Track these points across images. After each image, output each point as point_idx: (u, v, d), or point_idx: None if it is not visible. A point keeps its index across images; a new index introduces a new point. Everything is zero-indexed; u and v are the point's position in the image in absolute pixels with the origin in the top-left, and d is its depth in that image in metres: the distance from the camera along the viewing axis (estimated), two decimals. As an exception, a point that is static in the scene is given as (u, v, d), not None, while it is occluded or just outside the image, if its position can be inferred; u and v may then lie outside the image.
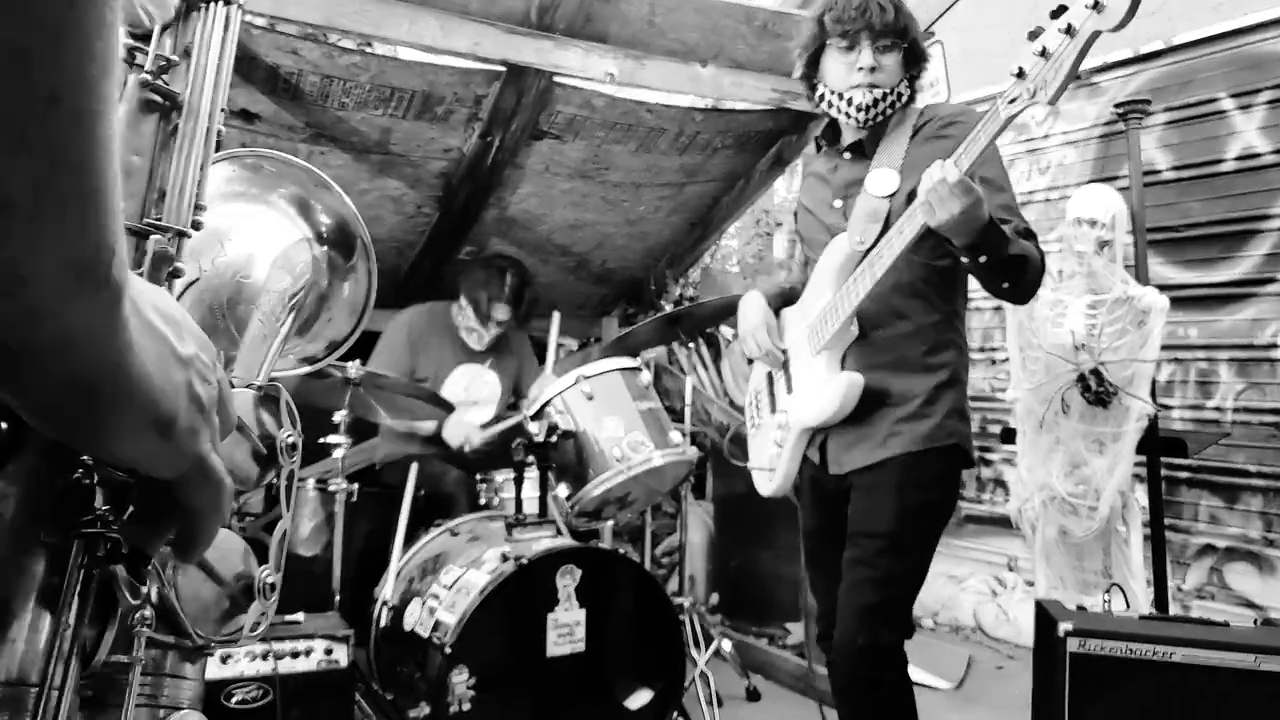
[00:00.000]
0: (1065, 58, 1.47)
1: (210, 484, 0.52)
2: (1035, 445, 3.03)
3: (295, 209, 0.83)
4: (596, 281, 4.40)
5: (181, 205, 0.60)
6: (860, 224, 1.84)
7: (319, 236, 0.84)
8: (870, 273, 1.78)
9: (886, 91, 1.86)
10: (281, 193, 0.83)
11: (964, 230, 1.62)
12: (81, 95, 0.35)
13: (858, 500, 1.88)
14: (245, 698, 2.04)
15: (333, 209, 0.85)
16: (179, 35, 0.62)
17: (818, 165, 2.06)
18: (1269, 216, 3.24)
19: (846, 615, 1.82)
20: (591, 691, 2.35)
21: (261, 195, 0.83)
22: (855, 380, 1.85)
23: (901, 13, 1.85)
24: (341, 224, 0.85)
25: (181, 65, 0.61)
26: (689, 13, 2.86)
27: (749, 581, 4.09)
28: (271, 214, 0.83)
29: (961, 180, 1.57)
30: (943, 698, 3.23)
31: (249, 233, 0.80)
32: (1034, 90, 1.51)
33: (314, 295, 0.82)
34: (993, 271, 1.71)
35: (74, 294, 0.38)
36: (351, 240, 0.86)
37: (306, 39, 2.62)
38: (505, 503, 2.92)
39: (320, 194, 0.85)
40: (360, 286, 0.87)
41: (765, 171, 3.83)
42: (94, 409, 0.42)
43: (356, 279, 0.87)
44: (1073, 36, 1.46)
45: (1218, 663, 1.93)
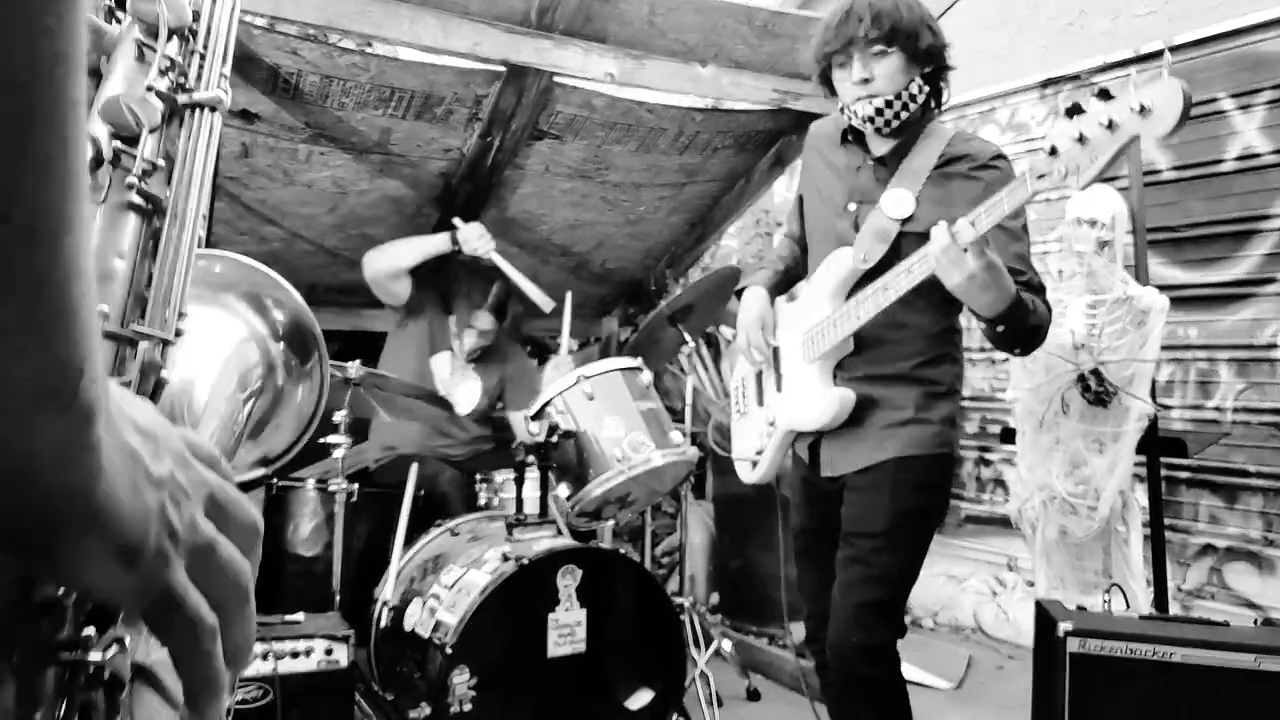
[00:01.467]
0: (1102, 152, 1.45)
1: (182, 620, 0.45)
2: (1035, 445, 3.04)
3: (251, 309, 0.82)
4: (596, 281, 4.40)
5: (165, 312, 0.58)
6: (867, 241, 1.83)
7: (275, 335, 0.82)
8: (874, 302, 1.78)
9: (890, 98, 1.82)
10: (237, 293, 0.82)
11: (981, 299, 1.61)
12: (38, 216, 0.33)
13: (851, 501, 1.89)
14: (245, 698, 2.04)
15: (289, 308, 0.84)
16: (162, 139, 0.61)
17: (836, 156, 2.00)
18: (1269, 216, 3.25)
19: (841, 614, 1.83)
20: (592, 692, 2.35)
21: (216, 297, 0.81)
22: (847, 397, 1.88)
23: (884, 17, 1.78)
24: (298, 324, 0.84)
25: (167, 171, 0.61)
26: (689, 13, 2.86)
27: (749, 581, 4.08)
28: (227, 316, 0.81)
29: (976, 243, 1.55)
30: (943, 697, 3.23)
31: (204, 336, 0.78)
32: (1065, 173, 1.49)
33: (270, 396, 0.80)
34: (1008, 340, 1.72)
35: (37, 416, 0.35)
36: (309, 342, 0.84)
37: (306, 39, 2.62)
38: (505, 503, 2.92)
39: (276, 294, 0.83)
40: (311, 394, 0.85)
41: (765, 171, 3.83)
42: (53, 535, 0.39)
43: (310, 385, 0.85)
44: (1113, 132, 1.43)
45: (1218, 663, 1.94)
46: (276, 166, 3.07)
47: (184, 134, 0.63)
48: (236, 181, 3.10)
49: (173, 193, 0.61)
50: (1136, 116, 1.40)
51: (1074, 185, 1.49)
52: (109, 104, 0.57)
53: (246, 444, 0.82)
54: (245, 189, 3.15)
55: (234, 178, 3.08)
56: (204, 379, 0.76)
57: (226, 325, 0.80)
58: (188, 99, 0.63)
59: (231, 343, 0.79)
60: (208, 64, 0.66)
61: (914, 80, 1.84)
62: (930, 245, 1.61)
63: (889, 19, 1.78)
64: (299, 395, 0.85)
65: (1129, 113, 1.41)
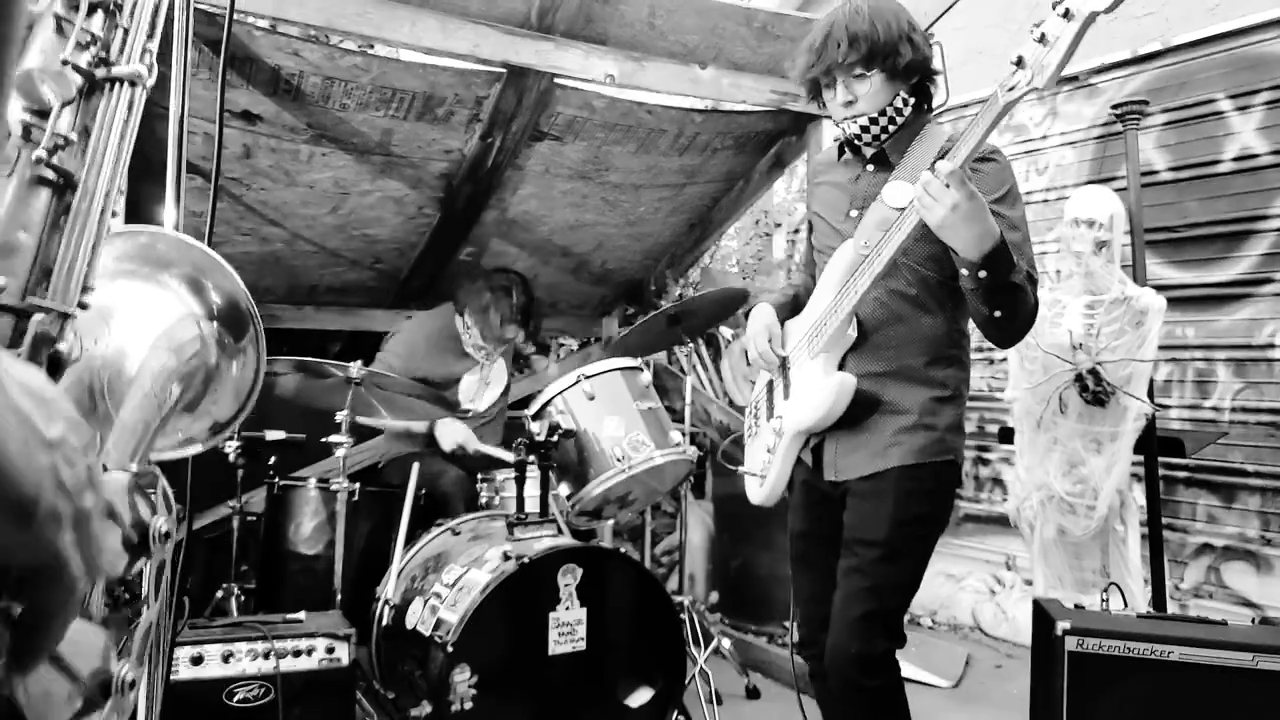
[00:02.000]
0: (1062, 40, 1.47)
1: (62, 584, 0.46)
2: (1033, 445, 3.05)
3: (187, 287, 0.81)
4: (596, 282, 4.41)
5: (69, 286, 0.57)
6: (868, 231, 1.82)
7: (210, 314, 0.82)
8: (868, 272, 1.76)
9: (874, 115, 1.83)
10: (174, 271, 0.81)
11: (965, 234, 1.59)
12: None
13: (854, 509, 1.88)
14: (246, 696, 2.05)
15: (225, 288, 0.83)
16: (80, 114, 0.60)
17: (836, 174, 2.02)
18: (1266, 217, 3.26)
19: (841, 624, 1.82)
20: (593, 690, 2.36)
21: (151, 273, 0.80)
22: (847, 381, 1.84)
23: (861, 40, 1.77)
24: (233, 303, 0.83)
25: (81, 145, 0.59)
26: (689, 14, 2.87)
27: (748, 580, 4.10)
28: (161, 293, 0.80)
29: (955, 172, 1.54)
30: (941, 696, 3.24)
31: (135, 312, 0.78)
32: (1031, 76, 1.50)
33: (201, 374, 0.80)
34: (990, 295, 1.67)
35: None
36: (244, 320, 0.84)
37: (308, 40, 2.64)
38: (506, 502, 2.93)
39: (214, 273, 0.83)
40: (248, 369, 0.85)
41: (765, 173, 3.84)
42: None
43: (245, 360, 0.85)
44: (1069, 20, 1.46)
45: (1215, 661, 1.95)
46: (278, 167, 3.08)
47: (102, 109, 0.61)
48: (238, 182, 3.11)
49: (86, 167, 0.60)
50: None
51: (1039, 83, 1.50)
52: (23, 77, 0.56)
53: (182, 417, 0.82)
54: (247, 190, 3.16)
55: (236, 178, 3.09)
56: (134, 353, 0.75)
57: (161, 302, 0.80)
58: (107, 73, 0.62)
59: (165, 319, 0.79)
60: (131, 38, 0.64)
61: (898, 95, 1.84)
62: (916, 186, 1.61)
63: (865, 42, 1.77)
64: (234, 371, 0.84)
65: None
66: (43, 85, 0.57)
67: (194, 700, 2.00)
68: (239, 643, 2.07)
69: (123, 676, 0.61)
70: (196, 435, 0.87)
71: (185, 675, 2.01)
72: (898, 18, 1.80)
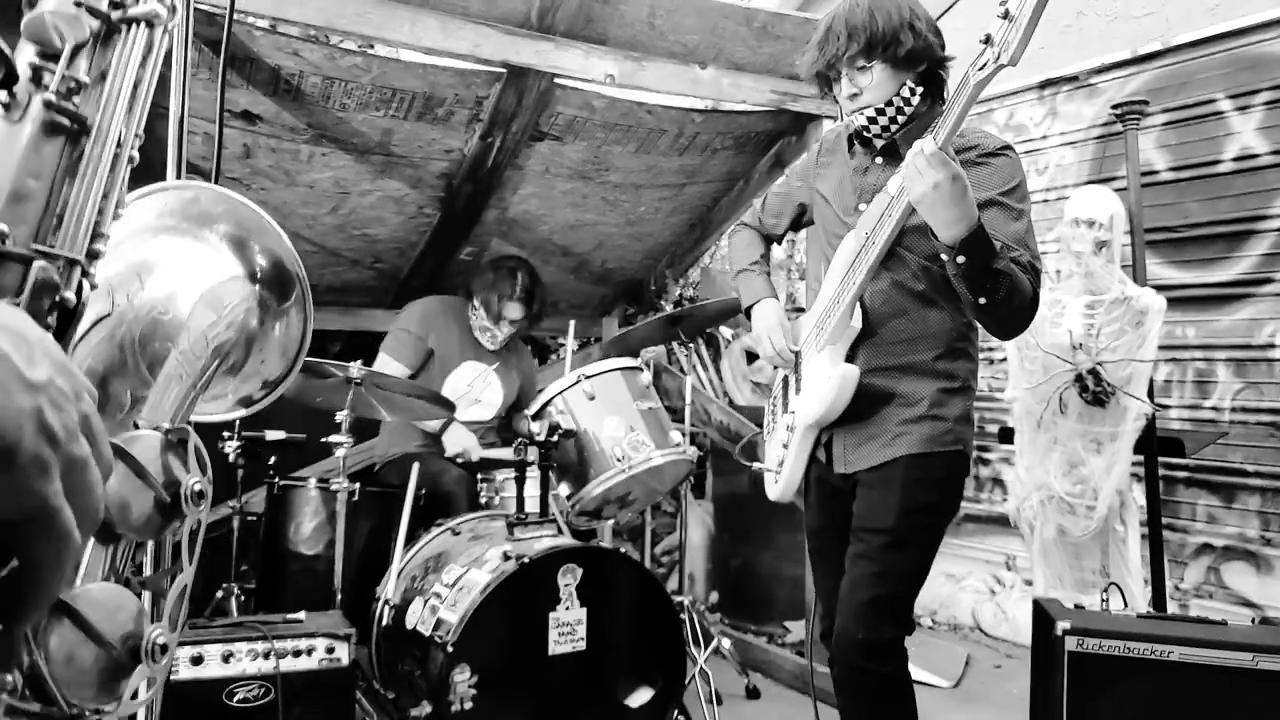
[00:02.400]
0: (1023, 16, 1.49)
1: (52, 534, 0.43)
2: (1033, 445, 3.05)
3: (230, 246, 0.79)
4: (596, 282, 4.41)
5: (78, 233, 0.56)
6: (870, 220, 1.84)
7: (253, 275, 0.79)
8: (867, 259, 1.78)
9: (880, 106, 1.84)
10: (217, 228, 0.79)
11: (943, 214, 1.59)
12: None
13: (863, 497, 1.89)
14: (246, 696, 2.05)
15: (270, 248, 0.81)
16: (95, 58, 0.58)
17: (844, 164, 2.02)
18: (1266, 217, 3.26)
19: (848, 610, 1.83)
20: (593, 690, 2.36)
21: (193, 230, 0.78)
22: (850, 372, 1.85)
23: (859, 32, 1.78)
24: (278, 264, 0.81)
25: (96, 89, 0.58)
26: (689, 14, 2.87)
27: (748, 580, 4.10)
28: (203, 250, 0.78)
29: (937, 152, 1.56)
30: (941, 696, 3.24)
31: (175, 268, 0.75)
32: (998, 53, 1.53)
33: (244, 336, 0.78)
34: (970, 280, 1.66)
35: None
36: (289, 281, 0.82)
37: (308, 40, 2.64)
38: (506, 502, 2.93)
39: (259, 232, 0.81)
40: (294, 329, 0.83)
41: (765, 173, 3.84)
42: None
43: (289, 322, 0.83)
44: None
45: (1215, 661, 1.95)
46: (278, 167, 3.09)
47: (118, 52, 0.59)
48: (238, 182, 3.11)
49: (100, 111, 0.58)
50: None
51: (1005, 59, 1.52)
52: (33, 20, 0.55)
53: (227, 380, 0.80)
54: (247, 190, 3.16)
55: (236, 178, 3.09)
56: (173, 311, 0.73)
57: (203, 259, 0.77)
58: (123, 14, 0.60)
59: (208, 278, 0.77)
60: None
61: (904, 85, 1.84)
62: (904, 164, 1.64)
63: (863, 33, 1.78)
64: (278, 333, 0.82)
65: None
66: (54, 28, 0.55)
67: (194, 700, 2.00)
68: (239, 643, 2.07)
69: (154, 640, 0.59)
70: (252, 393, 0.85)
71: (185, 675, 2.01)
72: (899, 7, 1.81)
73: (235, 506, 3.04)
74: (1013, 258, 1.71)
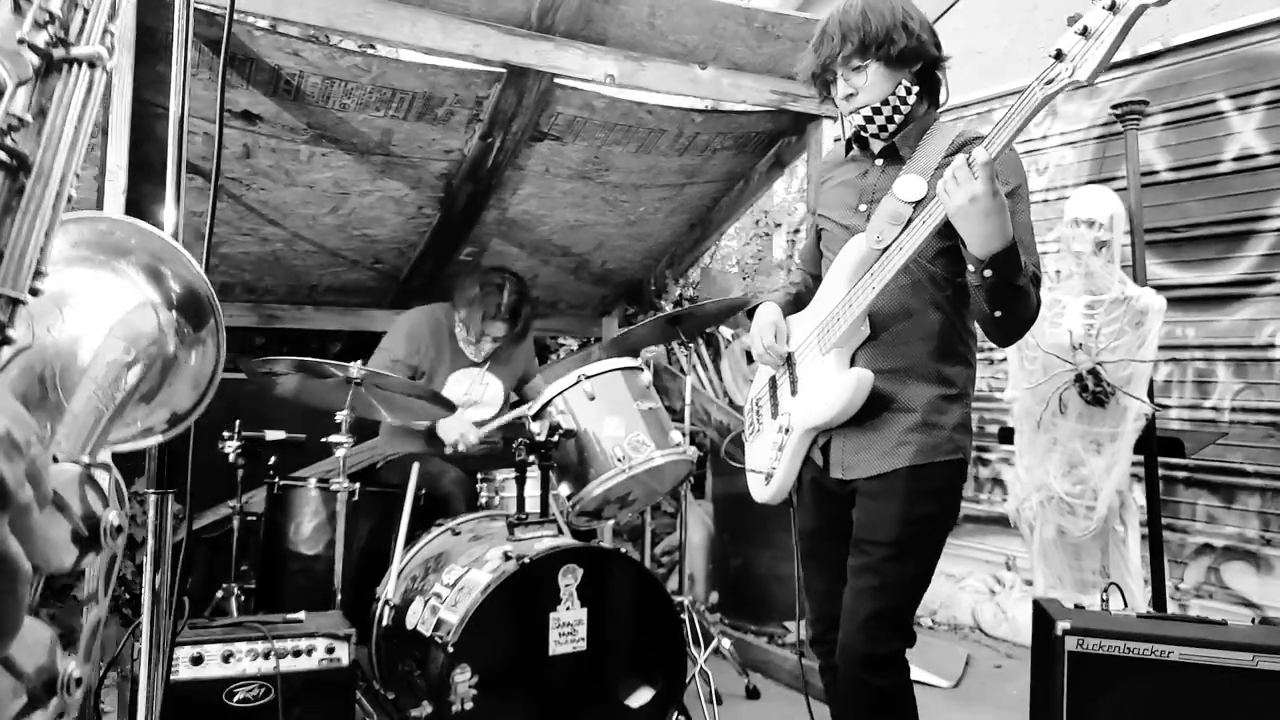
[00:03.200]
0: (1108, 34, 1.45)
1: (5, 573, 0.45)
2: (1033, 445, 3.05)
3: (145, 276, 0.80)
4: (597, 282, 4.41)
5: (20, 271, 0.56)
6: (880, 225, 1.82)
7: (169, 303, 0.80)
8: (886, 268, 1.76)
9: (877, 105, 1.84)
10: (131, 259, 0.80)
11: (979, 228, 1.58)
12: None
13: (863, 508, 1.88)
14: (246, 696, 2.05)
15: (184, 277, 0.82)
16: (36, 94, 0.59)
17: (843, 173, 2.02)
18: (1266, 217, 3.26)
19: (851, 623, 1.82)
20: (593, 690, 2.36)
21: (109, 261, 0.79)
22: (865, 376, 1.83)
23: (853, 32, 1.79)
24: (193, 292, 0.82)
25: (36, 126, 0.58)
26: (689, 14, 2.87)
27: (748, 580, 4.10)
28: (118, 281, 0.79)
29: (988, 164, 1.54)
30: (941, 696, 3.24)
31: (91, 299, 0.76)
32: (1072, 69, 1.49)
33: (159, 364, 0.79)
34: (992, 295, 1.67)
35: None
36: (204, 310, 0.83)
37: (308, 40, 2.64)
38: (506, 502, 2.93)
39: (173, 261, 0.81)
40: (208, 359, 0.84)
41: (765, 173, 3.84)
42: None
43: (204, 351, 0.84)
44: (1116, 13, 1.44)
45: (1215, 661, 1.95)
46: (278, 167, 3.09)
47: (60, 90, 0.60)
48: (238, 182, 3.11)
49: (41, 149, 0.58)
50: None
51: (1081, 76, 1.48)
52: None
53: (139, 407, 0.80)
54: (247, 190, 3.16)
55: (236, 178, 3.09)
56: (88, 341, 0.74)
57: (117, 290, 0.78)
58: (65, 54, 0.60)
59: (121, 308, 0.77)
60: (92, 19, 0.63)
61: (900, 83, 1.84)
62: (946, 172, 1.61)
63: (856, 33, 1.79)
64: (192, 361, 0.83)
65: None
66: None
67: (194, 700, 2.00)
68: (239, 643, 2.06)
69: (69, 674, 0.60)
70: (155, 425, 0.85)
71: (185, 675, 2.01)
72: (892, 8, 1.81)
73: (235, 506, 3.04)
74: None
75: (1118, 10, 1.44)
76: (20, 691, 0.56)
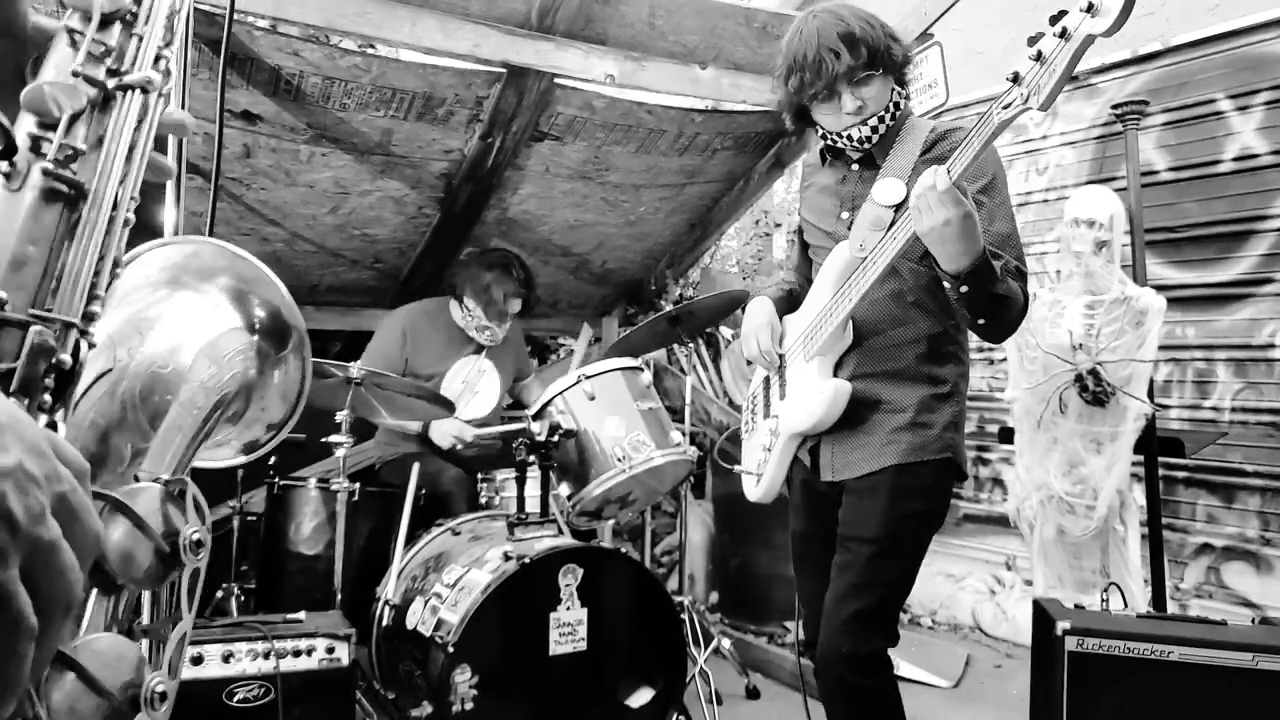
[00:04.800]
0: (1059, 62, 1.45)
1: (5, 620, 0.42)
2: (1033, 445, 3.05)
3: (230, 298, 0.81)
4: (597, 282, 4.41)
5: (74, 296, 0.57)
6: (862, 232, 1.82)
7: (251, 327, 0.81)
8: (864, 277, 1.76)
9: (881, 114, 1.85)
10: (217, 282, 0.81)
11: (950, 249, 1.58)
12: None
13: (849, 505, 1.88)
14: (246, 696, 2.05)
15: (268, 299, 0.83)
16: (93, 124, 0.60)
17: (823, 178, 2.02)
18: (1266, 217, 3.26)
19: (832, 622, 1.81)
20: (593, 690, 2.36)
21: (194, 283, 0.80)
22: (842, 388, 1.85)
23: (860, 44, 1.77)
24: (275, 314, 0.83)
25: (93, 155, 0.59)
26: (689, 15, 2.87)
27: (748, 580, 4.10)
28: (203, 303, 0.80)
29: (950, 189, 1.53)
30: (941, 696, 3.24)
31: (176, 322, 0.77)
32: (1027, 95, 1.49)
33: (244, 386, 0.80)
34: (971, 305, 1.67)
35: None
36: (285, 331, 0.84)
37: (308, 40, 2.63)
38: (506, 502, 2.93)
39: (257, 283, 0.83)
40: (293, 375, 0.86)
41: (765, 173, 3.84)
42: None
43: (288, 368, 0.85)
44: (1066, 40, 1.44)
45: (1215, 661, 1.95)
46: (278, 167, 3.09)
47: (114, 118, 0.61)
48: (238, 182, 3.11)
49: (97, 176, 0.59)
50: (1085, 17, 1.42)
51: (1035, 104, 1.48)
52: (32, 92, 0.56)
53: (226, 427, 0.82)
54: (247, 190, 3.16)
55: (236, 178, 3.09)
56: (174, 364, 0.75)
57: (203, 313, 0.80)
58: (119, 82, 0.61)
59: (207, 331, 0.79)
60: (144, 44, 0.64)
61: (894, 90, 1.86)
62: (912, 191, 1.60)
63: (864, 45, 1.77)
64: (277, 379, 0.84)
65: (1078, 15, 1.43)
66: (53, 99, 0.57)
67: (194, 700, 2.00)
68: (239, 643, 2.06)
69: (153, 688, 0.60)
70: (258, 438, 0.88)
71: (185, 675, 2.00)
72: (872, 16, 1.83)
73: (235, 506, 3.04)
74: (1001, 266, 1.70)
75: (1068, 38, 1.44)
76: (105, 709, 0.56)
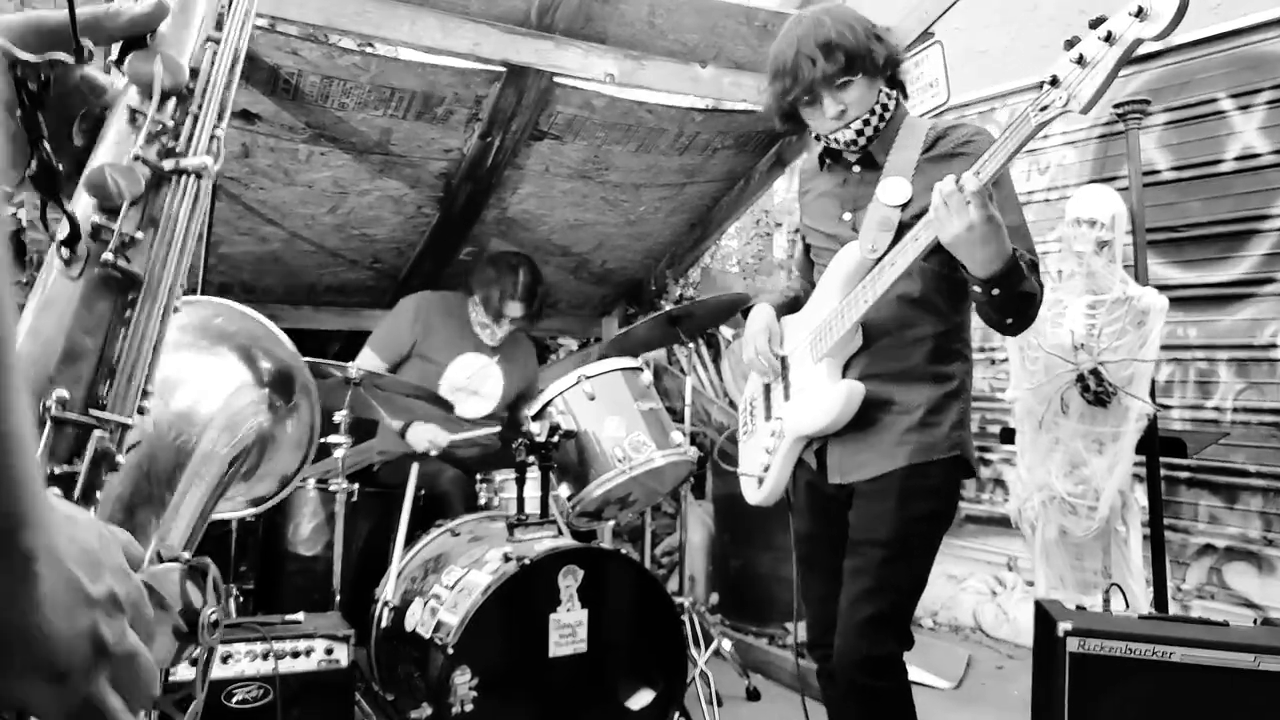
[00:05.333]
0: (1103, 65, 1.42)
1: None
2: (1035, 445, 3.04)
3: (239, 357, 0.83)
4: (597, 282, 4.40)
5: (129, 392, 0.57)
6: (872, 232, 1.81)
7: (260, 381, 0.83)
8: (879, 281, 1.75)
9: (867, 116, 1.83)
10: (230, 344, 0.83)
11: (980, 254, 1.56)
12: None
13: (860, 509, 1.87)
14: (245, 697, 2.05)
15: (276, 355, 0.85)
16: (147, 207, 0.59)
17: (822, 183, 2.01)
18: (1268, 217, 3.25)
19: (848, 626, 1.81)
20: (593, 692, 2.35)
21: (211, 347, 0.82)
22: (856, 389, 1.83)
23: (837, 49, 1.76)
24: (284, 368, 0.85)
25: (147, 239, 0.59)
26: (689, 13, 2.87)
27: (748, 581, 4.09)
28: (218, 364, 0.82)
29: (980, 191, 1.51)
30: (942, 697, 3.24)
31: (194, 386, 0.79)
32: (1067, 98, 1.46)
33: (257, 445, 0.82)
34: (1002, 307, 1.67)
35: None
36: (292, 382, 0.86)
37: (307, 39, 2.63)
38: (506, 503, 2.92)
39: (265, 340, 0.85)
40: (303, 423, 0.88)
41: (765, 172, 3.83)
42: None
43: (299, 416, 0.87)
44: (1112, 44, 1.41)
45: (1217, 662, 1.94)
46: (277, 166, 3.08)
47: (168, 202, 0.61)
48: (237, 182, 3.10)
49: (150, 263, 0.59)
50: (1134, 21, 1.39)
51: (1075, 108, 1.45)
52: (93, 175, 0.57)
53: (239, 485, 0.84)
54: (246, 189, 3.16)
55: (234, 178, 3.08)
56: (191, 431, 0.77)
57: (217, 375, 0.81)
58: (174, 165, 0.61)
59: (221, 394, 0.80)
60: (201, 123, 0.64)
61: (880, 92, 1.84)
62: (934, 195, 1.58)
63: (842, 50, 1.76)
64: (289, 430, 0.86)
65: (1126, 19, 1.39)
66: (113, 182, 0.57)
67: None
68: (238, 644, 2.06)
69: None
70: (266, 492, 0.91)
71: (184, 676, 1.99)
72: (851, 21, 1.81)
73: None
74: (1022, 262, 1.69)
75: (1114, 42, 1.41)
76: None
